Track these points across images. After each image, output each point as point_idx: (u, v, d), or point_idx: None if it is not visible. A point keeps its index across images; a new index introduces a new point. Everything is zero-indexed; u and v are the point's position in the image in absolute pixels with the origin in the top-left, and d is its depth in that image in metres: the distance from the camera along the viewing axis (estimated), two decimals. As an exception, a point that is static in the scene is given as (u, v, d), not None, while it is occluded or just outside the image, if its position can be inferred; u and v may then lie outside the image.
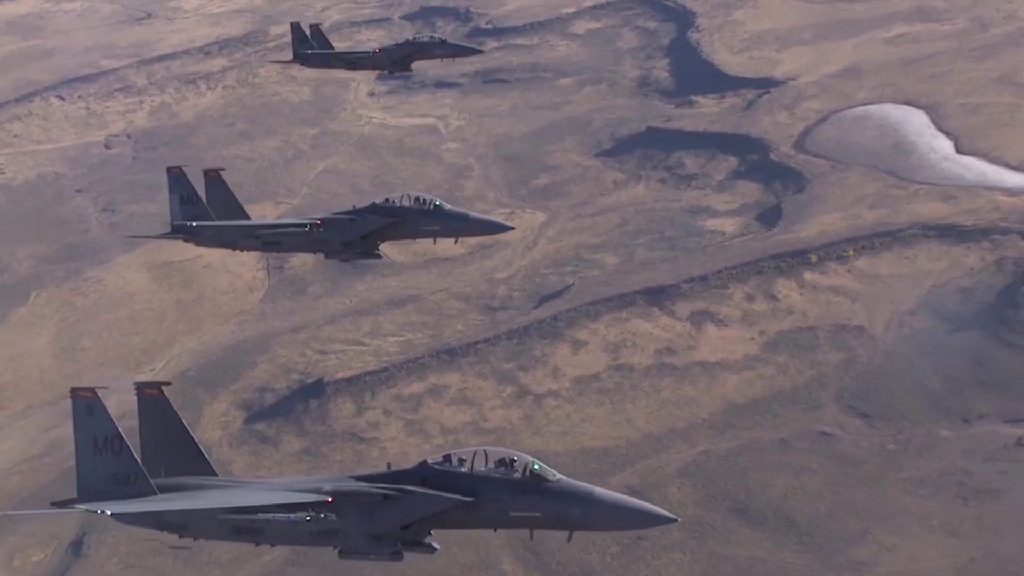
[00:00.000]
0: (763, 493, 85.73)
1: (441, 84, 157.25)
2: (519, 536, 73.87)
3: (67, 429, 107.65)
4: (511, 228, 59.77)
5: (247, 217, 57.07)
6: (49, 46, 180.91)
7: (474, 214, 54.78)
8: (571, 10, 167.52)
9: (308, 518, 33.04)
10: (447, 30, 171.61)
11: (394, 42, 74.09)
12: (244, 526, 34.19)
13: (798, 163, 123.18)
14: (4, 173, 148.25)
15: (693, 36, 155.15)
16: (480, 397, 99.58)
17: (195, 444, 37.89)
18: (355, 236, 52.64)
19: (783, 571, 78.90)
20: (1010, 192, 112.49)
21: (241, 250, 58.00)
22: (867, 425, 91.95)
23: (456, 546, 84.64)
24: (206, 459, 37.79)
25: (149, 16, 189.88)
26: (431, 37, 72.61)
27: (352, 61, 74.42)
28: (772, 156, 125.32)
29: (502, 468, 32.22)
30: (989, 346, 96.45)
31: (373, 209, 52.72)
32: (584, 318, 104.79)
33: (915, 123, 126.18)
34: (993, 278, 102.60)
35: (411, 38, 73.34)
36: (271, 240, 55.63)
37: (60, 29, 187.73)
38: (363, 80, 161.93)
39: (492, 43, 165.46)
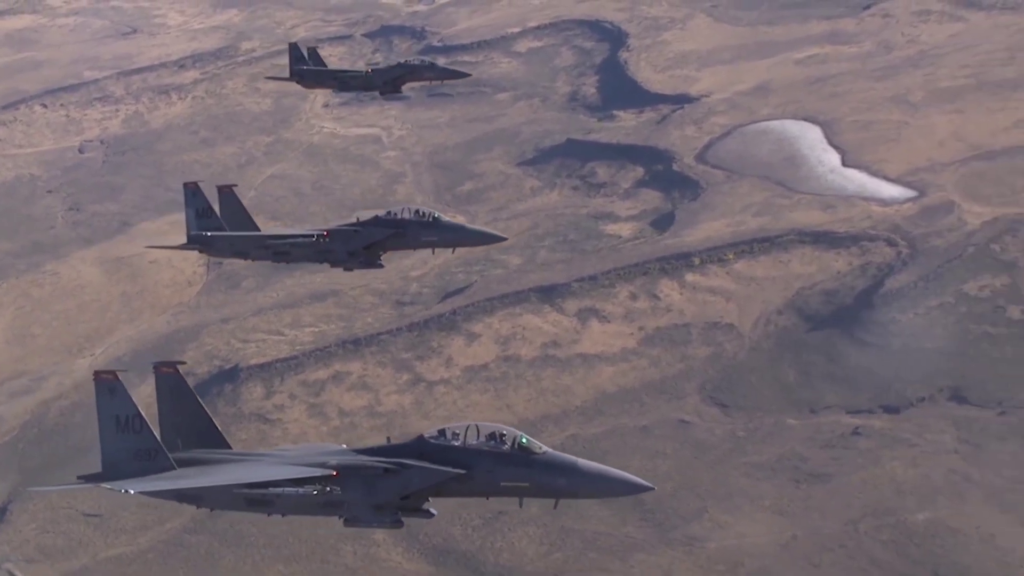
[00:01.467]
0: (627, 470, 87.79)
1: (391, 97, 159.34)
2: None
3: (10, 407, 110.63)
4: (505, 239, 60.27)
5: (257, 229, 56.71)
6: (40, 58, 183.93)
7: (469, 225, 56.18)
8: (516, 30, 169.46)
9: (315, 491, 33.76)
10: (402, 47, 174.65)
11: (387, 64, 74.08)
12: (256, 498, 34.81)
13: (697, 173, 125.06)
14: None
15: (623, 55, 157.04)
16: (378, 383, 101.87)
17: (210, 419, 38.39)
18: (359, 247, 52.97)
19: (623, 544, 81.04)
20: (884, 203, 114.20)
21: (252, 260, 57.77)
22: (723, 414, 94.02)
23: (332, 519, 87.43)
24: (220, 433, 38.34)
25: (135, 31, 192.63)
26: (421, 60, 73.35)
27: (345, 80, 74.11)
28: (675, 167, 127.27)
29: (492, 442, 33.22)
30: (843, 343, 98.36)
31: (376, 221, 53.01)
32: (481, 313, 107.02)
33: (809, 138, 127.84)
34: (856, 281, 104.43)
35: (403, 61, 73.16)
36: (281, 250, 55.61)
37: (53, 42, 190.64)
38: (320, 93, 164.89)
39: (442, 59, 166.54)
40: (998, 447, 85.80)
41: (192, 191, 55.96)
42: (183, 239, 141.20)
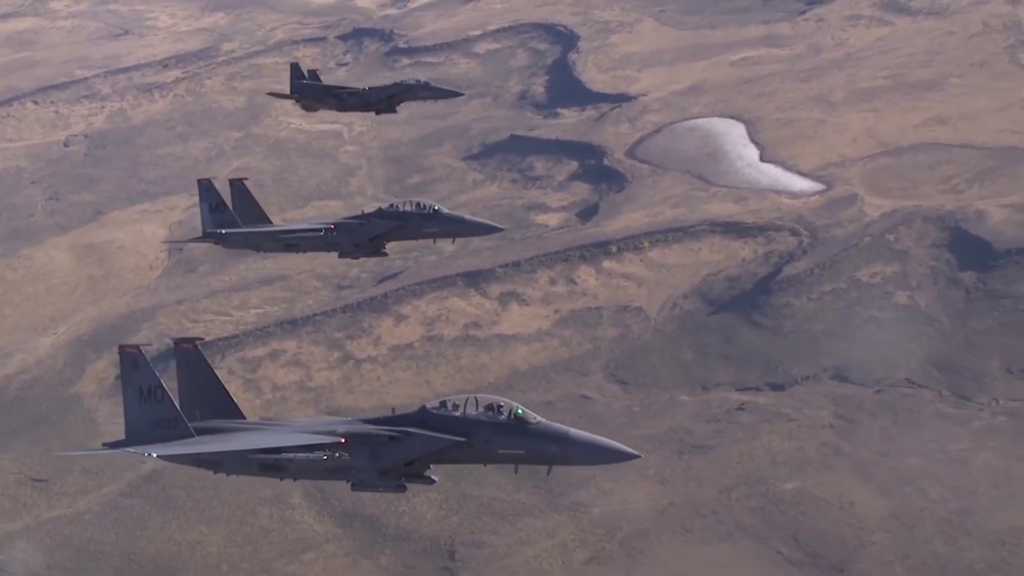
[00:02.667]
0: None
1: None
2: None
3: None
4: (502, 229, 60.40)
5: (268, 221, 56.80)
6: (37, 58, 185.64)
7: (469, 217, 55.21)
8: (476, 32, 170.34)
9: (325, 457, 34.35)
10: (371, 48, 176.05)
11: (384, 83, 71.74)
12: (269, 464, 35.36)
13: (625, 168, 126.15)
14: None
15: (571, 57, 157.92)
16: (310, 361, 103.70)
17: (225, 391, 38.97)
18: (364, 238, 53.23)
19: (515, 509, 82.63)
20: (794, 195, 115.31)
21: (265, 252, 58.41)
22: (622, 391, 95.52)
23: (256, 481, 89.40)
24: (235, 404, 38.88)
25: (126, 33, 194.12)
26: (416, 80, 70.52)
27: (343, 98, 70.97)
28: (606, 161, 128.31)
29: (490, 412, 33.73)
30: (740, 325, 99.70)
31: (380, 214, 53.10)
32: (410, 296, 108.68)
33: (733, 134, 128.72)
34: (758, 268, 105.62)
35: (399, 80, 71.04)
36: (291, 243, 55.62)
37: (50, 43, 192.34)
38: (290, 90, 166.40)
39: (405, 60, 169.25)
40: (870, 423, 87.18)
41: (206, 187, 55.98)
42: (151, 226, 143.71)
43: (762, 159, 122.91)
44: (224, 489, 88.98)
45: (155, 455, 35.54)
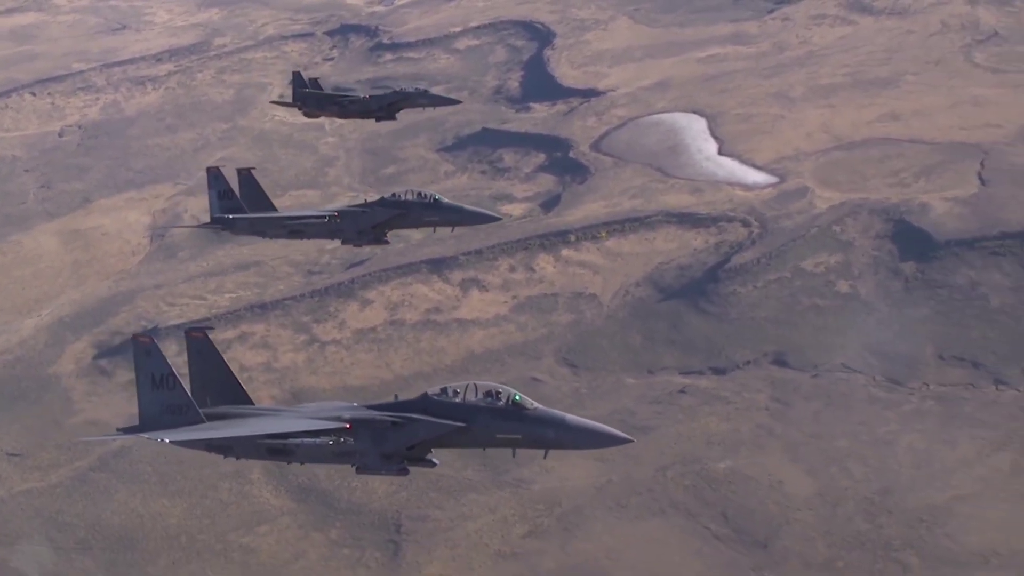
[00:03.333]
0: None
1: (338, 89, 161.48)
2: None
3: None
4: (500, 218, 59.96)
5: (274, 209, 56.22)
6: (37, 51, 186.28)
7: (467, 206, 54.57)
8: (457, 29, 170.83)
9: (330, 442, 34.35)
10: (357, 44, 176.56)
11: (385, 91, 69.86)
12: (278, 448, 35.33)
13: (589, 160, 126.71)
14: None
15: (547, 53, 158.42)
16: (277, 343, 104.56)
17: (235, 378, 38.81)
18: (367, 226, 52.77)
19: (460, 485, 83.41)
20: (747, 188, 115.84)
21: (271, 238, 57.44)
22: (572, 373, 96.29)
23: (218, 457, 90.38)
24: (244, 390, 38.74)
25: (124, 27, 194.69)
26: (416, 88, 70.44)
27: (344, 105, 69.91)
28: (571, 154, 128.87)
29: (489, 398, 33.67)
30: (687, 312, 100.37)
31: (382, 203, 52.67)
32: (376, 282, 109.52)
33: (694, 129, 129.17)
34: (708, 257, 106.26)
35: (399, 88, 70.05)
36: (296, 229, 55.18)
37: (50, 37, 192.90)
38: (278, 84, 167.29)
39: (388, 56, 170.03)
40: (804, 406, 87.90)
41: (215, 175, 55.54)
42: (135, 213, 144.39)
43: (720, 152, 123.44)
44: (188, 464, 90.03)
45: (168, 440, 35.29)
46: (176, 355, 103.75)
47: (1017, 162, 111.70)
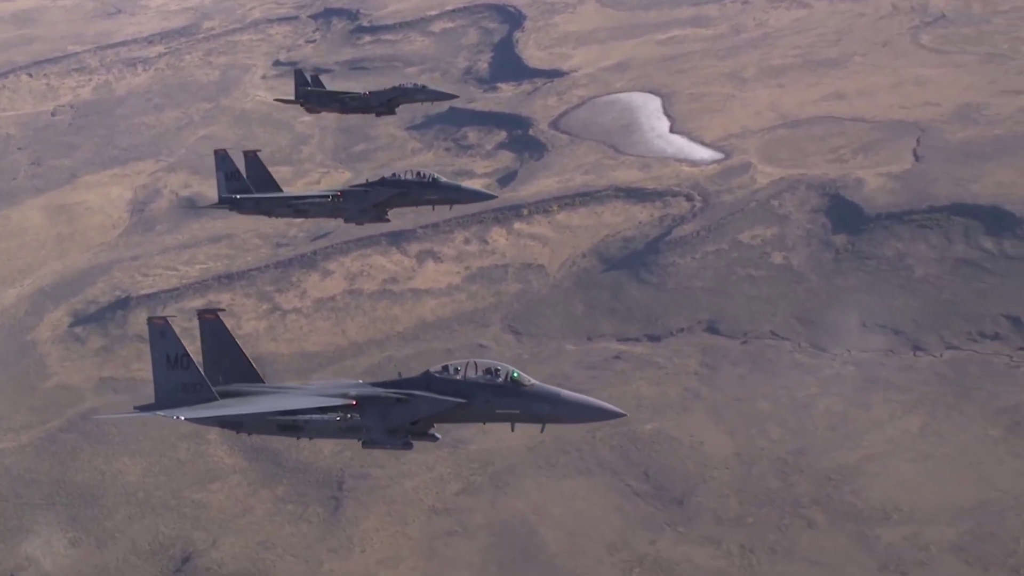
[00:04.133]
0: None
1: (318, 70, 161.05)
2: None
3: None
4: (495, 197, 60.19)
5: (279, 189, 56.11)
6: (35, 34, 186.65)
7: (465, 185, 54.53)
8: (434, 12, 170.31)
9: (338, 418, 34.40)
10: (338, 27, 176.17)
11: (384, 87, 69.70)
12: (287, 424, 35.27)
13: (547, 138, 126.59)
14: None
15: (516, 35, 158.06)
16: (241, 311, 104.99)
17: (246, 357, 38.53)
18: (368, 205, 52.45)
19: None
20: (693, 164, 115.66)
21: (276, 217, 57.26)
22: (516, 340, 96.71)
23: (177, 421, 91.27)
24: (255, 369, 38.50)
25: (119, 11, 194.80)
26: (414, 84, 70.69)
27: (346, 102, 69.84)
28: (531, 132, 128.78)
29: (489, 376, 33.58)
30: (628, 282, 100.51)
31: (382, 182, 52.29)
32: (338, 253, 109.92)
33: (649, 108, 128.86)
34: (652, 230, 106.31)
35: (397, 84, 70.08)
36: (300, 208, 54.91)
37: (49, 21, 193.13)
38: (261, 65, 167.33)
39: (367, 38, 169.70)
40: (731, 370, 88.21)
41: (222, 157, 55.49)
42: (118, 189, 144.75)
43: (671, 130, 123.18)
44: (150, 425, 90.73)
45: (183, 418, 35.23)
46: (143, 323, 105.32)
47: (951, 139, 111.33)
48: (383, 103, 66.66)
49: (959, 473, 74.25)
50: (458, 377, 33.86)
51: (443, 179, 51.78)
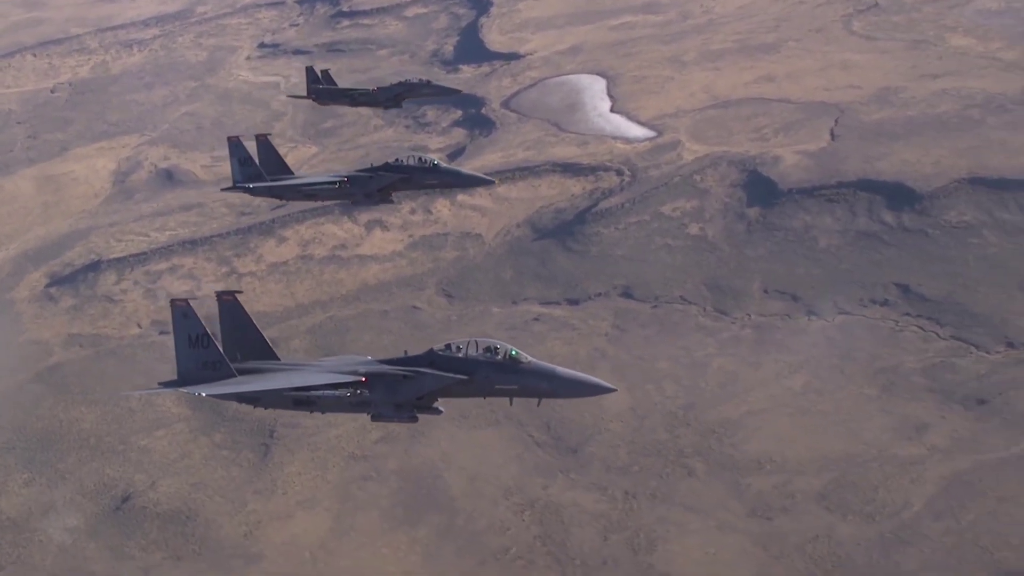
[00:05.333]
0: (351, 345, 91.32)
1: (298, 52, 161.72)
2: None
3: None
4: (493, 182, 58.40)
5: (290, 172, 55.13)
6: (42, 17, 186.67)
7: (464, 171, 54.15)
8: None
9: (348, 393, 34.30)
10: (321, 11, 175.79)
11: (391, 83, 68.97)
12: (301, 399, 35.16)
13: (498, 116, 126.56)
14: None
15: (482, 21, 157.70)
16: (201, 274, 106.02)
17: (262, 336, 38.03)
18: (373, 189, 51.75)
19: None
20: (627, 141, 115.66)
21: (288, 200, 56.00)
22: (448, 303, 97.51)
23: (133, 370, 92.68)
24: (271, 347, 38.02)
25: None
26: (419, 79, 69.75)
27: (355, 97, 70.01)
28: (484, 111, 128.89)
29: (488, 353, 33.49)
30: (555, 250, 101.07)
31: (386, 168, 51.61)
32: (293, 222, 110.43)
33: (595, 89, 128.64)
34: (582, 202, 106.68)
35: (403, 80, 69.11)
36: (310, 193, 54.08)
37: (56, 4, 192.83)
38: (246, 47, 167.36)
39: (346, 22, 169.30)
40: (638, 332, 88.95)
41: (235, 144, 54.39)
42: (103, 160, 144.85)
43: (612, 110, 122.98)
44: (108, 377, 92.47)
45: (204, 394, 34.85)
46: (114, 284, 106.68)
47: (866, 120, 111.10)
48: (390, 98, 66.74)
49: (832, 428, 75.15)
50: (460, 355, 33.73)
51: (444, 165, 51.40)
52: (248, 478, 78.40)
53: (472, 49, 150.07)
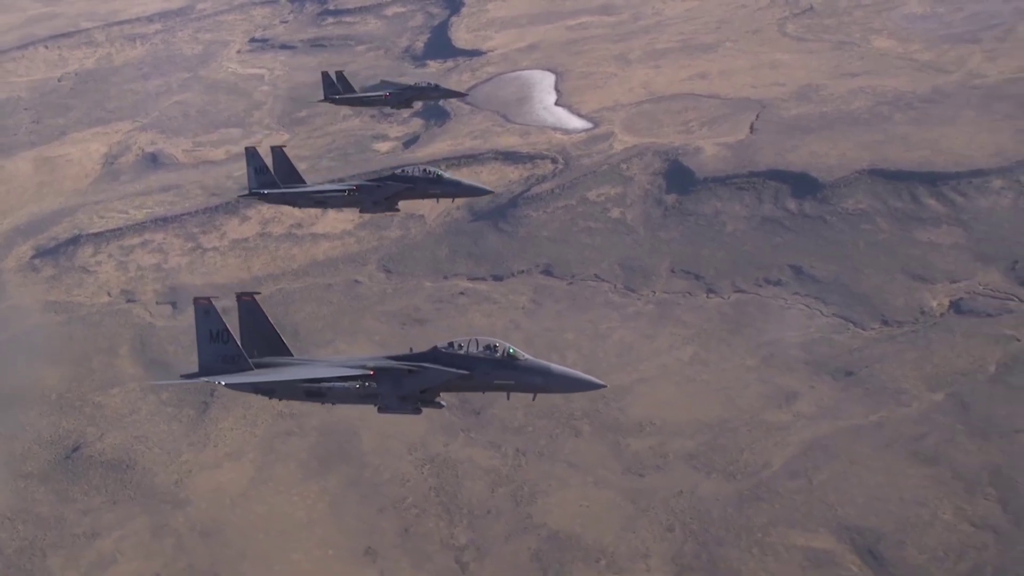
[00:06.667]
0: (295, 314, 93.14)
1: (284, 46, 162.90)
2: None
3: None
4: (492, 192, 58.54)
5: (302, 181, 54.94)
6: (57, 12, 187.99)
7: (464, 181, 53.93)
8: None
9: (357, 386, 34.62)
10: (309, 10, 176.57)
11: (401, 87, 69.72)
12: (313, 391, 35.43)
13: (453, 108, 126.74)
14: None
15: (452, 20, 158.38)
16: (170, 249, 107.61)
17: (277, 334, 38.19)
18: (380, 197, 51.69)
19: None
20: (566, 132, 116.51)
21: (300, 207, 55.56)
22: (386, 278, 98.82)
23: (94, 333, 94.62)
24: (284, 344, 38.17)
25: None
26: (428, 83, 70.98)
27: (369, 101, 71.03)
28: (440, 102, 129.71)
29: (488, 351, 33.60)
30: (488, 231, 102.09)
31: (393, 178, 51.60)
32: (256, 202, 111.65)
33: (544, 84, 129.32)
34: (517, 188, 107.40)
35: (412, 84, 70.47)
36: (320, 200, 53.82)
37: (71, 0, 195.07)
38: (238, 41, 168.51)
39: (331, 19, 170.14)
40: (552, 306, 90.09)
41: (252, 153, 54.30)
42: (96, 144, 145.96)
43: (556, 103, 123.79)
44: (75, 340, 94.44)
45: (223, 384, 35.27)
46: (91, 256, 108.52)
47: (785, 115, 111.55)
48: (401, 101, 67.99)
49: (711, 395, 76.37)
50: (461, 352, 33.79)
51: (446, 175, 51.49)
52: (185, 432, 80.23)
53: (440, 46, 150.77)
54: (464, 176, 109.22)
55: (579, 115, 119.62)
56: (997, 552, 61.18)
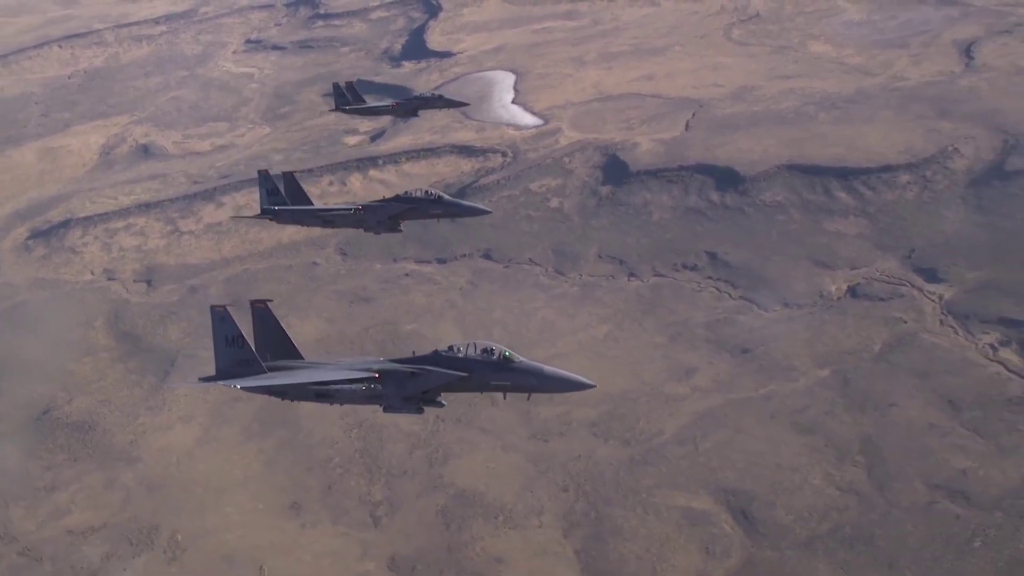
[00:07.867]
0: (255, 292, 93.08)
1: (275, 47, 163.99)
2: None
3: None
4: (490, 212, 57.21)
5: (310, 202, 54.93)
6: (73, 14, 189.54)
7: (464, 202, 53.79)
8: (375, 2, 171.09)
9: (363, 388, 34.41)
10: (302, 13, 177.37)
11: (407, 98, 69.75)
12: (322, 392, 35.21)
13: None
14: (2, 90, 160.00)
15: (429, 23, 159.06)
16: (150, 232, 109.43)
17: (289, 339, 37.96)
18: (384, 217, 51.66)
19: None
20: (518, 128, 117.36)
21: (308, 226, 55.63)
22: (342, 260, 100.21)
23: (77, 310, 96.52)
24: (296, 348, 37.92)
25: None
26: (432, 94, 70.76)
27: (378, 111, 71.29)
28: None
29: (485, 354, 33.13)
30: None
31: (396, 199, 51.48)
32: (232, 190, 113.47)
33: (504, 83, 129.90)
34: (468, 179, 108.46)
35: (418, 95, 70.55)
36: (327, 219, 53.69)
37: (86, 3, 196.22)
38: (235, 42, 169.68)
39: (320, 23, 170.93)
40: (487, 287, 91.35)
41: (264, 176, 54.55)
42: (95, 136, 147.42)
43: (513, 102, 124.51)
44: (56, 317, 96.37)
45: (239, 387, 34.99)
46: (79, 238, 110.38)
47: (719, 114, 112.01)
48: (408, 111, 68.64)
49: (619, 369, 77.58)
50: (460, 355, 33.56)
51: (447, 197, 51.14)
52: (145, 397, 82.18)
53: (416, 48, 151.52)
54: (423, 167, 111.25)
55: (532, 112, 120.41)
56: (858, 513, 62.43)
